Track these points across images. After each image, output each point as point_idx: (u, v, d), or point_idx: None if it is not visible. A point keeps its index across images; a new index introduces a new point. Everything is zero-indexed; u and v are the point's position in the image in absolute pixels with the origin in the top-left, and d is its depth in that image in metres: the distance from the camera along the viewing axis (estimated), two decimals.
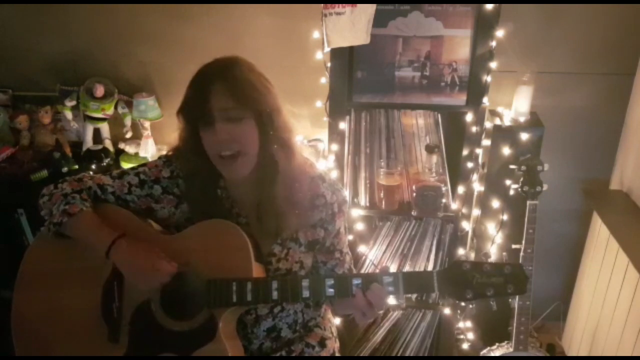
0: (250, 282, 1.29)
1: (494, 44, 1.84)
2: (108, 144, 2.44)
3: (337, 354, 1.56)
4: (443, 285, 1.27)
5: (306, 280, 1.30)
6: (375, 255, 2.11)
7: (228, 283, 1.29)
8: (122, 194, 1.41)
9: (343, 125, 1.97)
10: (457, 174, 2.00)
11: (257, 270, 1.32)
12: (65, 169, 2.24)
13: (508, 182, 2.07)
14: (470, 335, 2.27)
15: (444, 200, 1.95)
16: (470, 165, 1.98)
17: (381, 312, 1.33)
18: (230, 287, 1.29)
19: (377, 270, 1.70)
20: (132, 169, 1.44)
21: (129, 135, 2.44)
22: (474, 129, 1.93)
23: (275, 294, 1.29)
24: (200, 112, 1.27)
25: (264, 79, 1.33)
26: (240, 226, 1.34)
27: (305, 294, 1.29)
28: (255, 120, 1.29)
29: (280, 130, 1.34)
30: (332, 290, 1.29)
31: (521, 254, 1.94)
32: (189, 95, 1.30)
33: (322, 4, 1.73)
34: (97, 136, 2.44)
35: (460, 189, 2.00)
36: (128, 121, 2.42)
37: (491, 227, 2.20)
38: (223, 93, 1.25)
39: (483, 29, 1.81)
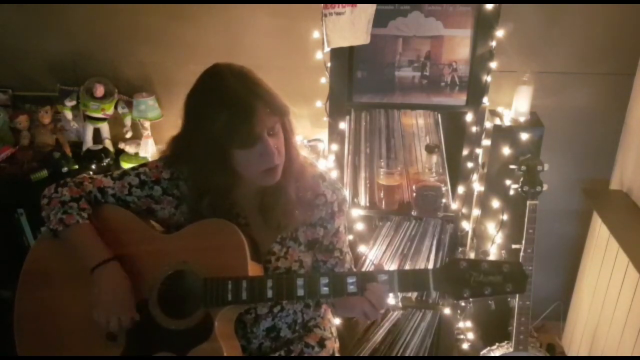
0: (246, 280, 1.29)
1: (494, 44, 1.84)
2: (108, 144, 2.44)
3: (336, 354, 1.56)
4: (439, 283, 1.26)
5: (301, 279, 1.29)
6: (375, 255, 2.11)
7: (224, 282, 1.29)
8: (123, 195, 1.41)
9: (343, 125, 1.97)
10: (457, 174, 2.00)
11: (253, 270, 1.32)
12: (65, 169, 2.24)
13: (508, 182, 2.07)
14: (470, 335, 2.27)
15: (444, 200, 1.95)
16: (470, 165, 1.98)
17: (382, 311, 1.32)
18: (226, 286, 1.29)
19: (372, 268, 1.70)
20: (133, 169, 1.44)
21: (129, 135, 2.44)
22: (474, 129, 1.93)
23: (270, 293, 1.28)
24: (250, 135, 1.23)
25: None
26: (239, 227, 1.34)
27: (300, 292, 1.28)
28: (281, 127, 1.31)
29: (293, 131, 1.36)
30: (326, 288, 1.28)
31: (521, 254, 1.94)
32: (230, 122, 1.21)
33: (322, 4, 1.73)
34: (97, 136, 2.44)
35: (460, 189, 2.00)
36: (128, 121, 2.42)
37: (491, 227, 2.20)
38: (265, 111, 1.24)
39: (483, 29, 1.81)
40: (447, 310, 2.14)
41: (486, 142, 2.12)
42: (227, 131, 1.22)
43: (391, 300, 2.12)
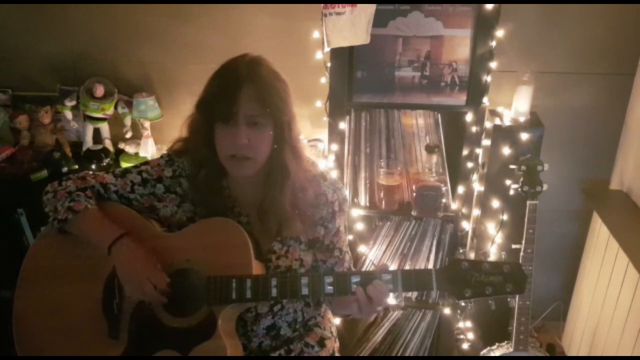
0: (250, 279, 1.29)
1: (494, 44, 1.84)
2: (108, 144, 2.44)
3: (336, 354, 1.56)
4: (442, 283, 1.27)
5: (305, 277, 1.30)
6: (375, 255, 2.11)
7: (227, 280, 1.29)
8: (125, 192, 1.42)
9: (343, 125, 1.97)
10: (457, 174, 2.00)
11: (256, 268, 1.32)
12: (65, 169, 2.24)
13: (508, 182, 2.07)
14: (470, 335, 2.27)
15: (444, 200, 1.95)
16: (470, 165, 1.98)
17: (379, 308, 1.33)
18: (230, 284, 1.29)
19: (374, 269, 1.70)
20: (135, 167, 1.45)
21: (129, 135, 2.44)
22: (474, 129, 1.93)
23: (274, 291, 1.29)
24: (226, 110, 1.26)
25: (286, 85, 1.33)
26: (241, 225, 1.34)
27: (305, 291, 1.29)
28: (273, 128, 1.30)
29: (294, 138, 1.35)
30: (331, 287, 1.29)
31: (521, 254, 1.94)
32: (215, 91, 1.28)
33: (322, 4, 1.73)
34: (97, 136, 2.44)
35: (460, 189, 2.00)
36: (128, 121, 2.42)
37: (491, 227, 2.20)
38: (252, 98, 1.25)
39: (483, 29, 1.81)
40: (447, 310, 2.14)
41: (486, 142, 2.12)
42: (212, 99, 1.28)
43: (393, 300, 2.12)
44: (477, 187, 2.14)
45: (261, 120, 1.28)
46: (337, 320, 1.85)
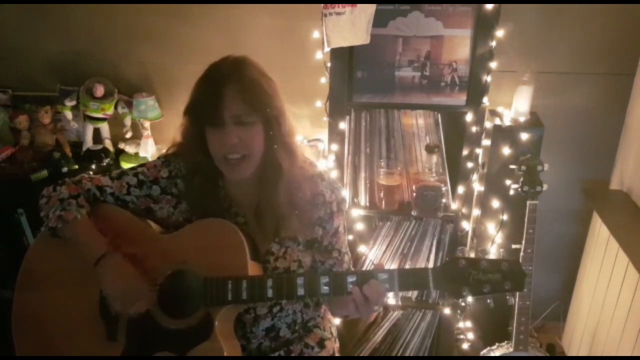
0: (246, 280, 1.29)
1: (494, 44, 1.84)
2: (108, 144, 2.44)
3: (336, 354, 1.56)
4: (439, 282, 1.27)
5: (301, 278, 1.30)
6: (375, 255, 2.11)
7: (224, 281, 1.29)
8: (121, 194, 1.41)
9: (343, 125, 1.97)
10: (457, 174, 2.00)
11: (253, 269, 1.32)
12: (65, 169, 2.24)
13: (508, 182, 2.07)
14: (470, 335, 2.27)
15: (444, 200, 1.95)
16: (470, 165, 1.98)
17: (377, 308, 1.32)
18: (226, 286, 1.29)
19: (372, 267, 1.70)
20: (131, 169, 1.45)
21: (129, 135, 2.44)
22: (474, 129, 1.93)
23: (270, 292, 1.29)
24: (212, 114, 1.26)
25: (272, 82, 1.33)
26: (237, 225, 1.34)
27: (301, 291, 1.29)
28: (262, 125, 1.30)
29: (285, 134, 1.35)
30: (327, 287, 1.28)
31: (521, 254, 1.94)
32: (200, 95, 1.29)
33: (322, 4, 1.73)
34: (97, 136, 2.44)
35: (460, 189, 2.00)
36: (128, 121, 2.42)
37: (491, 227, 2.20)
38: (236, 97, 1.26)
39: (483, 29, 1.81)
40: (447, 310, 2.14)
41: (486, 142, 2.12)
42: (197, 104, 1.30)
43: (392, 299, 2.12)
44: (477, 187, 2.14)
45: (249, 119, 1.28)
46: (337, 321, 1.85)
